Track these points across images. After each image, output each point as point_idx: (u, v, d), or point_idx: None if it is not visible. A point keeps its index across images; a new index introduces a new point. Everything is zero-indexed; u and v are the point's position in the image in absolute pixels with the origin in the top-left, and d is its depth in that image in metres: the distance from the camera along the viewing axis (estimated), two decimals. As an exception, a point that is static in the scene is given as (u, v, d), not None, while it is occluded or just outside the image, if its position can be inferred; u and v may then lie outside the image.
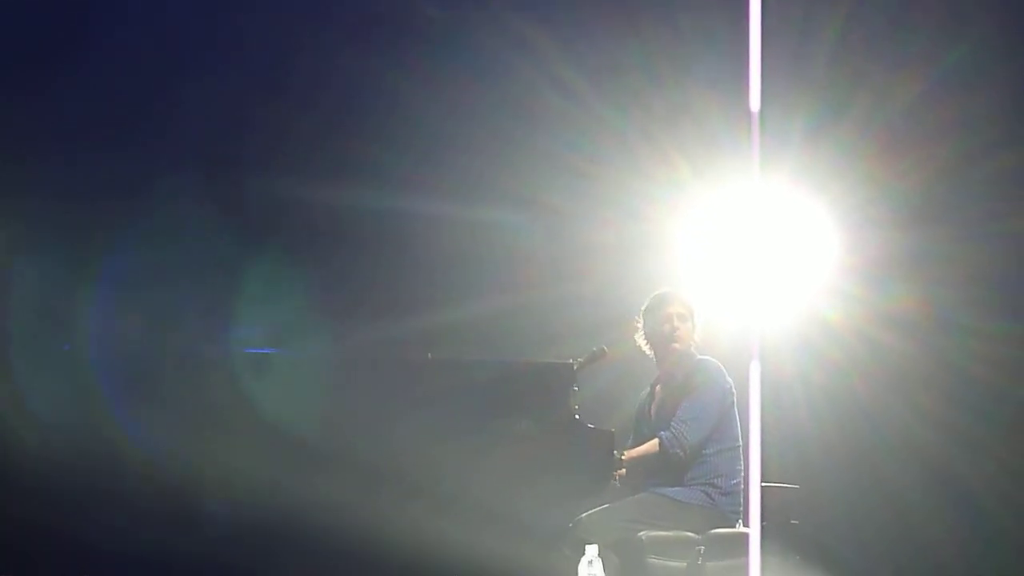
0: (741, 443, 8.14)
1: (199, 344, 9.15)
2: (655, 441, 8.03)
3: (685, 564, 7.89)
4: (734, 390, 8.18)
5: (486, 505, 7.76)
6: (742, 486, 8.08)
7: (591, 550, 7.23)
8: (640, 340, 8.34)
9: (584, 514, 7.90)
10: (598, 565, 7.20)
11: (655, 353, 8.34)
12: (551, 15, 10.15)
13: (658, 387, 8.38)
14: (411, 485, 7.85)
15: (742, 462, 8.11)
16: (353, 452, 7.91)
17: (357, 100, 10.32)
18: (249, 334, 9.63)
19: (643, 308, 8.35)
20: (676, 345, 8.24)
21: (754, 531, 7.57)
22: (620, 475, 8.00)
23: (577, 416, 7.98)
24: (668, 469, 8.02)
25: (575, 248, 10.08)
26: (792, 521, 8.48)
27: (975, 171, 9.50)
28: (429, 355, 8.30)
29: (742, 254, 9.55)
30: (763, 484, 7.66)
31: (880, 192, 9.72)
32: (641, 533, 7.83)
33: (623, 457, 7.98)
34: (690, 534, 7.91)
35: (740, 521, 8.06)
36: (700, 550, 7.89)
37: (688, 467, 8.01)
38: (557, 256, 10.10)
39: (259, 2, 10.35)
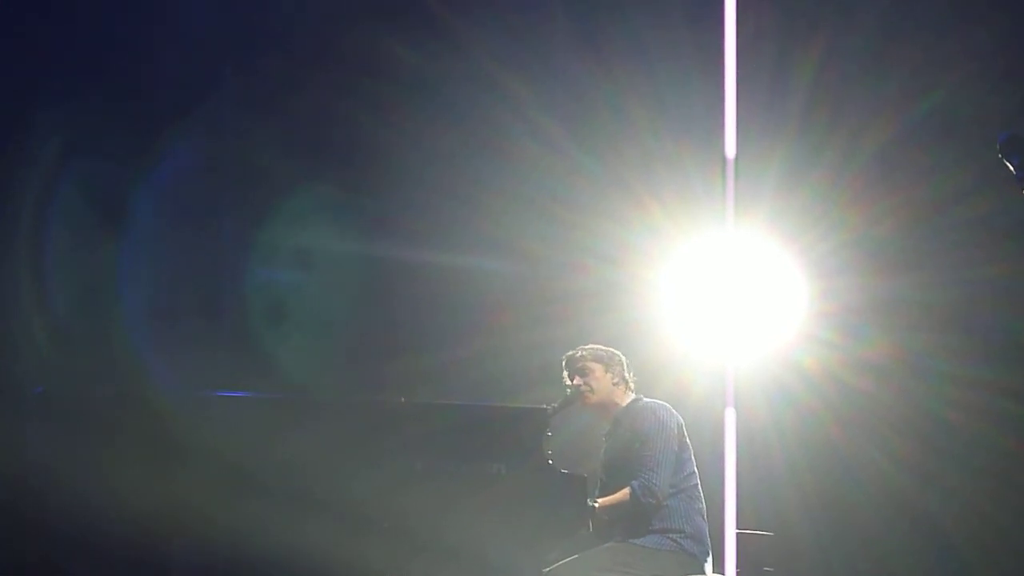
0: (697, 475, 8.11)
1: (171, 385, 9.14)
2: (626, 490, 8.00)
3: (658, 611, 7.86)
4: (683, 423, 8.14)
5: (459, 550, 7.72)
6: (706, 524, 8.06)
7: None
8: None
9: (555, 564, 7.85)
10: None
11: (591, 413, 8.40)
12: (526, 62, 10.17)
13: (605, 436, 8.37)
14: (384, 530, 7.80)
15: (701, 497, 8.08)
16: (325, 496, 7.86)
17: (332, 145, 10.33)
18: (224, 374, 9.62)
19: None
20: (590, 397, 8.25)
21: (729, 578, 7.57)
22: (598, 518, 7.98)
23: (550, 461, 7.96)
24: (637, 518, 7.98)
25: (550, 293, 10.07)
26: (766, 568, 8.45)
27: (950, 217, 9.51)
28: (402, 399, 8.28)
29: (716, 300, 9.55)
30: (738, 531, 7.66)
31: (854, 238, 9.73)
32: (613, 581, 7.80)
33: (596, 506, 7.94)
34: (662, 580, 7.88)
35: (710, 561, 8.03)
36: (673, 596, 7.86)
37: (652, 516, 7.97)
38: (532, 301, 10.09)
39: (239, 49, 10.37)
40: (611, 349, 8.32)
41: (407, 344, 10.16)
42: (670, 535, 7.97)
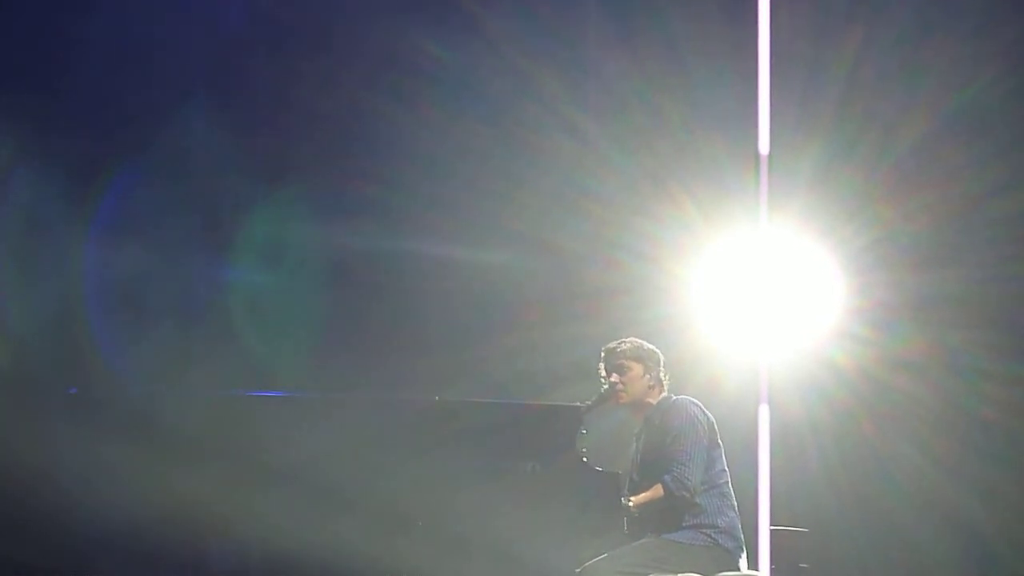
0: (728, 473, 8.08)
1: (205, 385, 9.17)
2: (659, 486, 7.97)
3: (693, 607, 7.84)
4: (714, 421, 8.11)
5: (493, 548, 7.72)
6: (739, 519, 8.02)
7: (598, 595, 7.19)
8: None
9: (589, 562, 7.83)
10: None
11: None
12: (559, 57, 10.16)
13: (636, 435, 8.34)
14: (418, 528, 7.81)
15: (733, 494, 8.05)
16: (358, 495, 7.88)
17: (366, 141, 10.33)
18: (255, 375, 9.65)
19: None
20: (623, 396, 8.20)
21: (763, 575, 7.54)
22: (631, 516, 7.96)
23: (584, 459, 7.94)
24: (669, 514, 7.96)
25: (582, 289, 10.06)
26: (802, 565, 8.43)
27: (985, 213, 9.49)
28: (436, 398, 8.27)
29: (750, 296, 9.50)
30: (772, 528, 7.61)
31: (889, 234, 9.71)
32: (648, 577, 7.79)
33: (631, 504, 7.92)
34: (697, 576, 7.87)
35: (744, 557, 8.00)
36: (708, 593, 7.84)
37: (685, 512, 7.95)
38: (564, 297, 10.08)
39: (270, 44, 10.38)
40: (652, 347, 8.25)
41: (438, 341, 10.16)
42: (704, 530, 7.94)
